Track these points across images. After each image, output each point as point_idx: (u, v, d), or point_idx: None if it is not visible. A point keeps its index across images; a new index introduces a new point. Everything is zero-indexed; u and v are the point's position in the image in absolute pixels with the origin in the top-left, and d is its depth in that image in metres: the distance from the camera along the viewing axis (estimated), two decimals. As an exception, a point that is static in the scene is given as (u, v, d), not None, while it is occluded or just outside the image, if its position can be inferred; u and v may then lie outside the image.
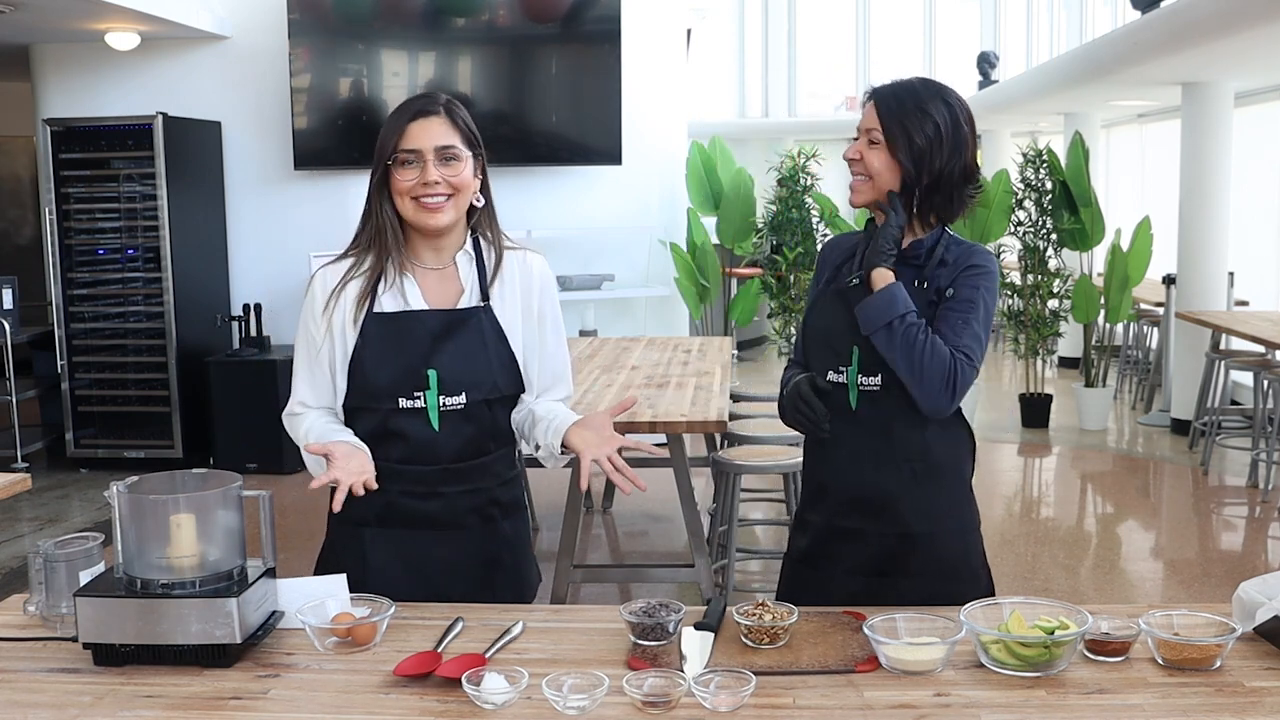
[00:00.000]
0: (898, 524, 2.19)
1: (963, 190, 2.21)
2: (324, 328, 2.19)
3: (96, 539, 2.08)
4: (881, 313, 2.12)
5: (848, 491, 2.23)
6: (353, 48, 7.38)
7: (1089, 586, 5.15)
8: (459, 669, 1.76)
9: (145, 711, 1.72)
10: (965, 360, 2.13)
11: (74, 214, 7.03)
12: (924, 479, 2.20)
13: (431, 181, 2.12)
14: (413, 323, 2.17)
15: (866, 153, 2.20)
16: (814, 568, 2.26)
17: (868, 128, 2.21)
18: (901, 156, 2.16)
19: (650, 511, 6.32)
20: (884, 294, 2.14)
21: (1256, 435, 6.69)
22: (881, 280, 2.16)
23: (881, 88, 2.24)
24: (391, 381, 2.16)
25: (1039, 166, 8.24)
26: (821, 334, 2.28)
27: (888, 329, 2.12)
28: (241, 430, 6.87)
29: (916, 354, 2.10)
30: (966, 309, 2.16)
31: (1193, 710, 1.67)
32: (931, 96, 2.19)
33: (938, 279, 2.19)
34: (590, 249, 7.77)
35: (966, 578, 2.23)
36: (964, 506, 2.26)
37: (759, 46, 16.18)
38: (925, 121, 2.16)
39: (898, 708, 1.70)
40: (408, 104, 2.19)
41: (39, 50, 7.52)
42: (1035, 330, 8.38)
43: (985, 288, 2.17)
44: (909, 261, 2.21)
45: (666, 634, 1.91)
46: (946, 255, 2.20)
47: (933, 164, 2.16)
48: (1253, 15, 5.52)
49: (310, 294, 2.21)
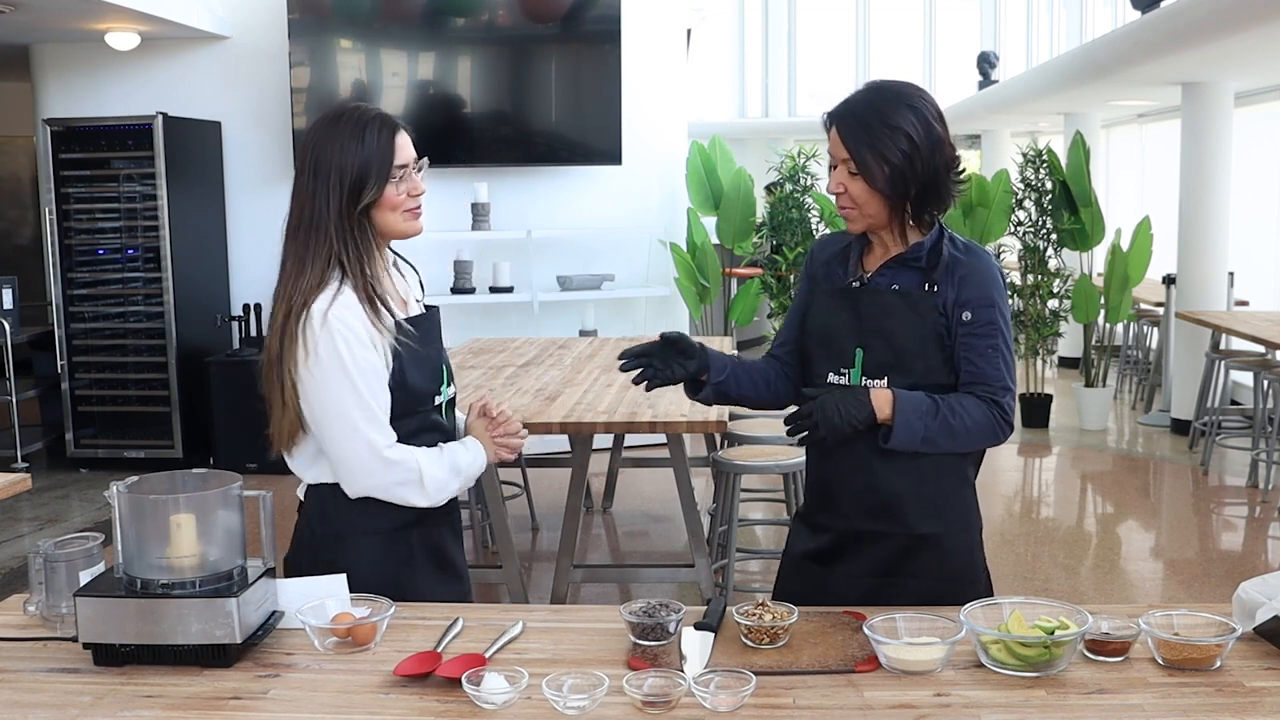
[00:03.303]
0: (905, 525, 2.19)
1: (949, 182, 2.16)
2: (378, 358, 2.10)
3: (96, 539, 2.08)
4: (913, 435, 2.10)
5: (857, 494, 2.21)
6: (353, 48, 7.39)
7: (1089, 586, 5.15)
8: (459, 669, 1.76)
9: (145, 711, 1.72)
10: (1004, 394, 2.14)
11: (74, 214, 7.03)
12: (930, 480, 2.19)
13: (421, 190, 2.20)
14: (429, 323, 2.27)
15: (849, 184, 2.13)
16: (827, 568, 2.24)
17: (841, 158, 2.13)
18: (880, 185, 2.10)
19: (650, 511, 6.33)
20: (901, 420, 2.09)
21: (1256, 435, 6.69)
22: (883, 403, 2.10)
23: (839, 111, 2.15)
24: (428, 382, 2.23)
25: (1039, 166, 8.25)
26: (821, 335, 2.25)
27: (925, 443, 2.11)
28: (241, 430, 6.86)
29: (960, 439, 2.13)
30: (991, 333, 2.14)
31: (1193, 710, 1.67)
32: (895, 107, 2.11)
33: (945, 288, 2.15)
34: (590, 249, 7.77)
35: (969, 579, 2.23)
36: (969, 508, 2.25)
37: (759, 46, 16.19)
38: (896, 137, 2.09)
39: (898, 708, 1.70)
40: (381, 120, 2.15)
41: (39, 50, 7.51)
42: (1035, 330, 8.38)
43: (1000, 301, 2.16)
44: (911, 265, 2.18)
45: (666, 634, 1.91)
46: (947, 256, 2.17)
47: (916, 175, 2.11)
48: (1253, 15, 5.53)
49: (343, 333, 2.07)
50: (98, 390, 7.18)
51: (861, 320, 2.18)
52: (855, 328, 2.18)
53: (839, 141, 2.13)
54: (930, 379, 2.15)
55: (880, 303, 2.18)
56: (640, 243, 7.83)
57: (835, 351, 2.21)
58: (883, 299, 2.18)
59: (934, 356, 2.15)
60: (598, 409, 4.11)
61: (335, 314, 2.07)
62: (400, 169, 2.16)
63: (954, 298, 2.15)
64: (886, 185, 2.10)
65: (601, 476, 6.42)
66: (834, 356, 2.21)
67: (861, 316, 2.19)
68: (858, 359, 2.18)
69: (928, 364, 2.15)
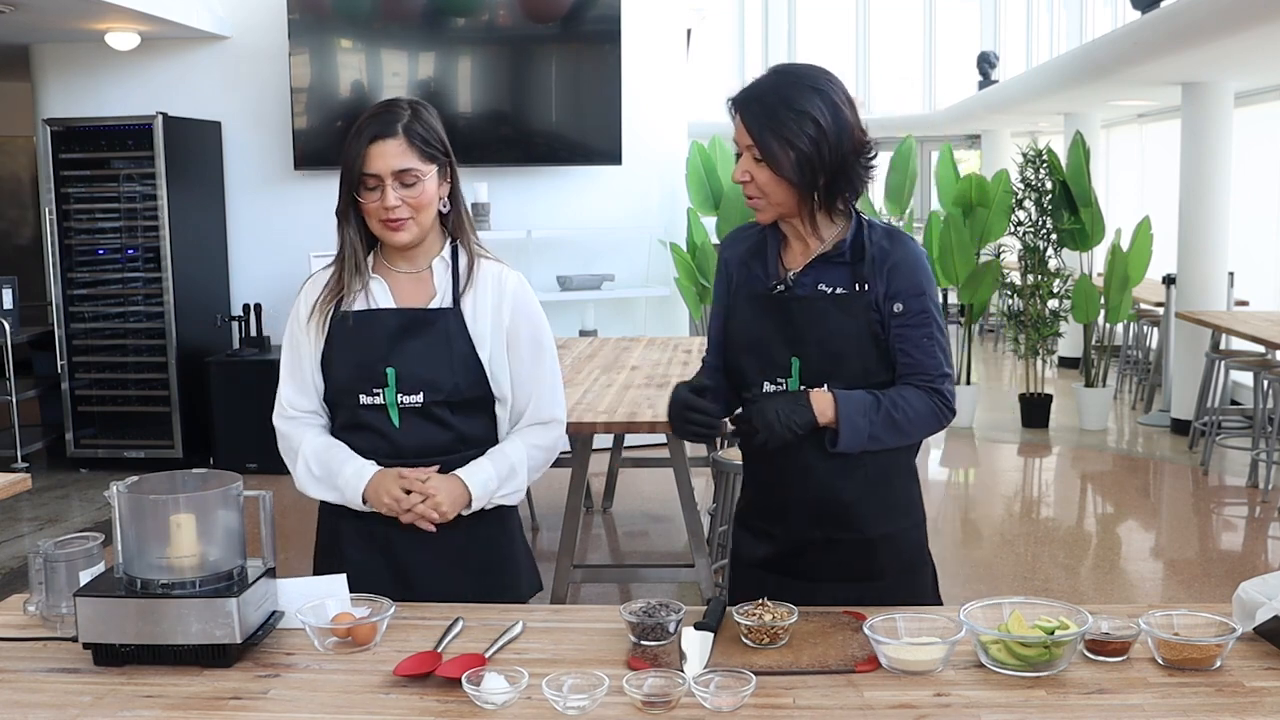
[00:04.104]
0: (859, 530, 2.15)
1: (859, 166, 2.08)
2: (309, 334, 2.25)
3: (96, 539, 2.08)
4: (859, 435, 2.04)
5: (805, 503, 2.16)
6: (353, 48, 7.39)
7: (1089, 586, 5.15)
8: (459, 669, 1.76)
9: (145, 711, 1.72)
10: (943, 380, 2.10)
11: (74, 214, 7.03)
12: (879, 482, 2.15)
13: (391, 206, 2.15)
14: (373, 322, 2.22)
15: (755, 172, 2.05)
16: (782, 576, 2.16)
17: (746, 145, 2.05)
18: (787, 172, 2.02)
19: (650, 511, 6.33)
20: (845, 421, 2.03)
21: (1256, 435, 6.69)
22: (825, 405, 2.04)
23: (742, 96, 2.07)
24: (352, 379, 2.22)
25: (1039, 166, 8.25)
26: (751, 343, 2.16)
27: (872, 441, 2.05)
28: (241, 430, 6.87)
29: (905, 432, 2.09)
30: (925, 322, 2.10)
31: (1193, 710, 1.67)
32: (800, 90, 2.03)
33: (875, 283, 2.09)
34: (590, 249, 7.77)
35: (920, 567, 2.23)
36: (915, 502, 2.23)
37: (759, 46, 16.18)
38: (802, 122, 2.00)
39: (898, 708, 1.70)
40: (366, 123, 2.17)
41: (39, 50, 7.51)
42: (1035, 330, 8.38)
43: (929, 288, 2.11)
44: (836, 261, 2.11)
45: (666, 634, 1.91)
46: (872, 249, 2.10)
47: (823, 162, 2.02)
48: (1253, 15, 5.53)
49: (296, 303, 2.29)
50: (98, 390, 7.18)
51: (794, 329, 2.11)
52: (787, 336, 2.11)
53: (743, 128, 2.05)
54: (870, 379, 2.10)
55: (812, 310, 2.10)
56: (640, 243, 7.83)
57: (769, 361, 2.13)
58: (815, 306, 2.10)
59: (871, 356, 2.10)
60: (598, 409, 4.11)
61: (304, 287, 2.29)
62: (372, 178, 2.14)
63: (884, 290, 2.09)
64: (793, 172, 2.02)
65: (601, 476, 6.42)
66: (768, 366, 2.14)
67: (793, 325, 2.11)
68: (795, 368, 2.11)
69: (866, 364, 2.10)
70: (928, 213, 10.72)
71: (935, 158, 8.99)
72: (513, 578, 2.34)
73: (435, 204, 2.21)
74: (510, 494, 2.26)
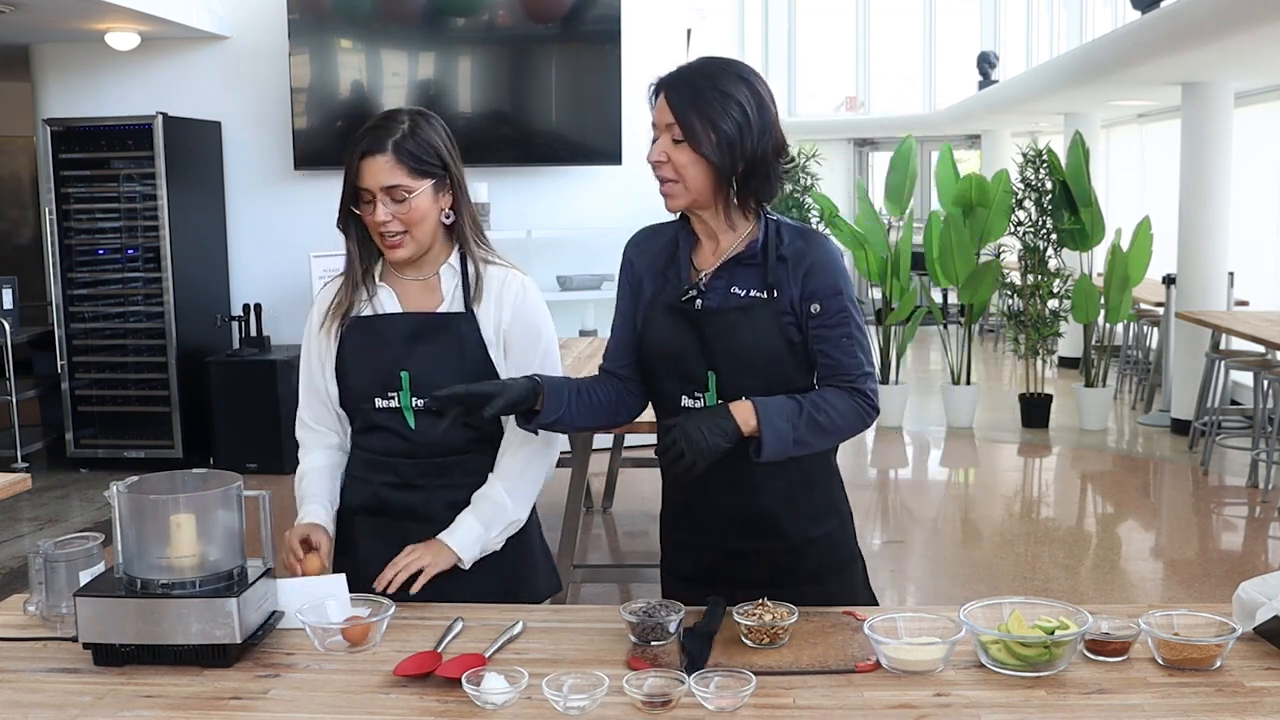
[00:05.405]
0: (786, 538, 2.13)
1: (777, 168, 2.05)
2: (322, 343, 2.28)
3: (96, 539, 2.08)
4: (784, 441, 1.98)
5: (730, 514, 2.13)
6: (353, 48, 7.39)
7: (1089, 586, 5.15)
8: (459, 669, 1.76)
9: (145, 711, 1.72)
10: (865, 379, 2.06)
11: (74, 214, 7.03)
12: (801, 488, 2.13)
13: (381, 220, 2.15)
14: (385, 327, 2.23)
15: (672, 152, 2.02)
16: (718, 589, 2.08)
17: (666, 123, 2.02)
18: (707, 151, 1.99)
19: (650, 511, 6.32)
20: (768, 429, 1.96)
21: (1256, 435, 6.69)
22: (747, 415, 1.97)
23: (668, 76, 2.05)
24: (366, 383, 2.23)
25: (1039, 166, 8.25)
26: (666, 356, 2.12)
27: (797, 445, 2.00)
28: (241, 430, 6.87)
29: (830, 434, 2.04)
30: (843, 321, 2.06)
31: (1193, 710, 1.67)
32: (728, 76, 2.01)
33: (789, 286, 2.05)
34: (590, 249, 7.76)
35: (849, 564, 2.23)
36: (840, 501, 2.22)
37: (759, 47, 16.18)
38: (728, 104, 1.98)
39: (898, 708, 1.70)
40: (362, 136, 2.17)
41: (39, 50, 7.52)
42: (1035, 330, 8.38)
43: (845, 287, 2.07)
44: (748, 263, 2.08)
45: (666, 634, 1.91)
46: (784, 250, 2.07)
47: (745, 149, 2.00)
48: (1253, 15, 5.53)
49: (310, 314, 2.33)
50: (98, 390, 7.18)
51: (708, 343, 2.07)
52: (702, 349, 2.07)
53: (665, 107, 2.03)
54: (789, 386, 2.06)
55: (725, 323, 2.06)
56: (640, 243, 7.81)
57: (684, 374, 2.10)
58: (727, 318, 2.06)
59: (789, 363, 2.07)
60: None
61: (319, 296, 2.33)
62: (366, 191, 2.16)
63: (800, 292, 2.05)
64: (714, 153, 1.99)
65: (601, 476, 6.42)
66: (684, 379, 2.10)
67: (707, 339, 2.07)
68: (711, 382, 2.07)
69: (784, 372, 2.07)
70: (928, 213, 10.72)
71: (935, 158, 8.98)
72: (530, 578, 2.35)
73: (431, 218, 2.20)
74: (508, 527, 2.26)
